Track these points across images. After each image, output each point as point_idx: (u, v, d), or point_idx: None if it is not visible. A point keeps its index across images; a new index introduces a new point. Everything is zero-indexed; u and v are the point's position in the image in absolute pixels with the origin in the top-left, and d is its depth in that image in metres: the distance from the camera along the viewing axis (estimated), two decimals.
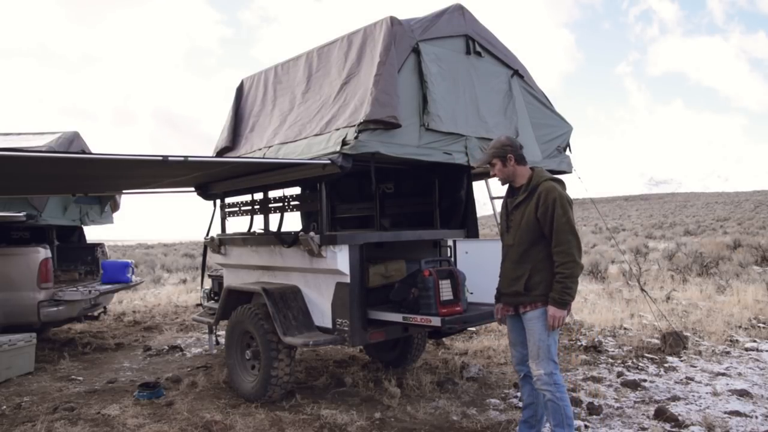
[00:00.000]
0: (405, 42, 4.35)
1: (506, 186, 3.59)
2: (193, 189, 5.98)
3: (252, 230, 5.51)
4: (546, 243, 3.32)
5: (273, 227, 5.11)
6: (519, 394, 4.78)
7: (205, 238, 5.87)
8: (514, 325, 3.54)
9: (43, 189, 6.33)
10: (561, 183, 3.47)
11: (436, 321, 4.00)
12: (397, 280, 4.60)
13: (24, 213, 6.89)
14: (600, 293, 10.39)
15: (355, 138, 4.05)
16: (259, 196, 5.38)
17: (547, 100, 5.58)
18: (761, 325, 7.40)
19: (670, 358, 5.91)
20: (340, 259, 4.27)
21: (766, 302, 8.72)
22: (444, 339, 6.60)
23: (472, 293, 4.57)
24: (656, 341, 6.49)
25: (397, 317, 4.24)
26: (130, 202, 12.91)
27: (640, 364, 5.76)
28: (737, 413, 4.30)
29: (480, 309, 4.24)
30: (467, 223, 5.22)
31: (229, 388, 5.08)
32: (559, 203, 3.26)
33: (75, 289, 7.00)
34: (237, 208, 5.72)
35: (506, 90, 5.13)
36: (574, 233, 3.25)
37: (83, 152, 7.09)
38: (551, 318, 3.24)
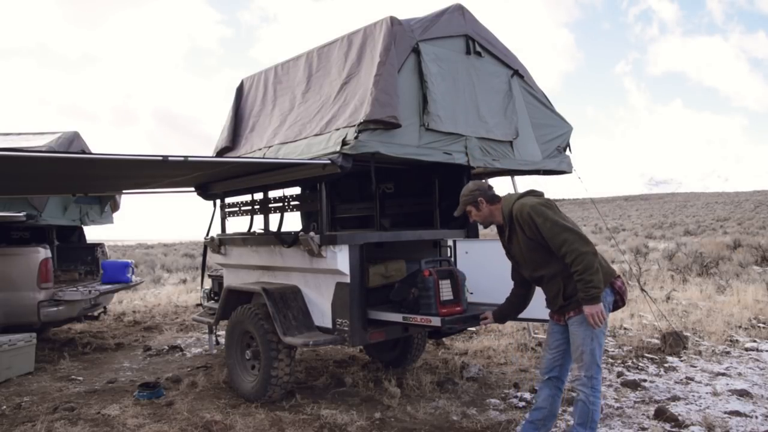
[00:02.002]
0: (405, 42, 4.35)
1: (492, 227, 3.64)
2: (193, 189, 5.98)
3: (252, 230, 5.51)
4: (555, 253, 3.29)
5: (273, 227, 5.10)
6: (519, 394, 4.79)
7: (205, 238, 5.87)
8: (554, 330, 3.50)
9: (43, 189, 6.32)
10: (530, 193, 3.49)
11: (436, 321, 4.00)
12: (397, 280, 4.60)
13: (24, 213, 6.89)
14: None
15: (355, 138, 4.05)
16: (259, 196, 5.38)
17: (547, 100, 5.58)
18: (761, 325, 7.40)
19: (670, 358, 5.91)
20: (340, 259, 4.27)
21: (766, 302, 8.72)
22: (444, 339, 6.60)
23: (472, 293, 4.55)
24: (656, 341, 6.49)
25: (397, 317, 4.23)
26: (130, 202, 12.91)
27: (640, 364, 5.76)
28: (737, 413, 4.30)
29: (480, 309, 4.21)
30: (467, 223, 5.22)
31: (229, 388, 5.08)
32: (534, 214, 3.26)
33: (75, 289, 7.00)
34: (237, 208, 5.72)
35: (506, 90, 5.13)
36: (567, 228, 3.21)
37: (83, 152, 7.09)
38: (589, 317, 3.15)
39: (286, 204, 5.05)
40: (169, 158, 3.63)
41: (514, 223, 3.38)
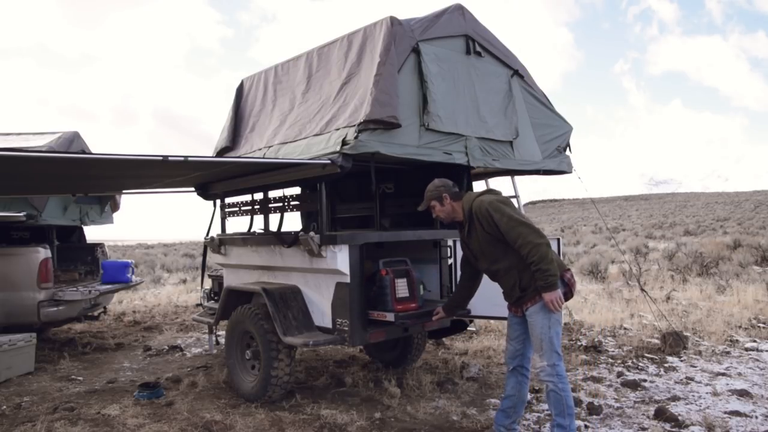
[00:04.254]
0: (405, 42, 4.35)
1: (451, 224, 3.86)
2: (193, 189, 5.98)
3: (252, 230, 5.51)
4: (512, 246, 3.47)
5: (273, 227, 5.11)
6: None
7: (205, 238, 5.87)
8: (513, 321, 3.71)
9: (43, 189, 6.32)
10: (491, 192, 3.74)
11: (390, 316, 4.23)
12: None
13: (24, 213, 6.89)
14: (600, 293, 10.39)
15: (355, 138, 4.05)
16: (259, 196, 5.38)
17: (547, 99, 5.58)
18: (761, 325, 7.40)
19: (670, 358, 5.91)
20: (340, 259, 4.27)
21: (766, 302, 8.72)
22: (444, 339, 6.60)
23: (429, 291, 4.95)
24: (656, 341, 6.49)
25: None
26: (130, 202, 12.91)
27: (640, 364, 5.76)
28: (737, 413, 4.30)
29: (436, 305, 4.33)
30: None
31: (229, 388, 5.08)
32: (492, 209, 3.46)
33: (75, 289, 7.00)
34: (237, 208, 5.72)
35: (506, 90, 5.13)
36: (521, 223, 3.41)
37: (83, 152, 7.09)
38: (548, 303, 3.35)
39: (286, 204, 5.05)
40: (169, 158, 3.63)
41: (473, 218, 3.57)
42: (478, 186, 5.85)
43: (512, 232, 3.38)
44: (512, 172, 5.87)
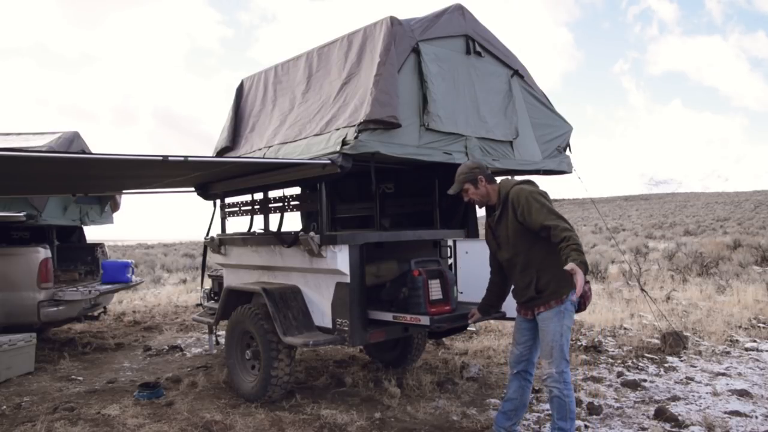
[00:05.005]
0: (405, 42, 4.35)
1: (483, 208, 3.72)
2: (193, 189, 5.98)
3: (252, 230, 5.51)
4: (541, 243, 3.36)
5: (273, 227, 5.11)
6: None
7: (205, 238, 5.87)
8: (522, 326, 3.60)
9: (43, 189, 6.32)
10: (530, 183, 3.58)
11: (425, 320, 4.03)
12: (388, 280, 4.63)
13: (24, 213, 6.89)
14: (600, 293, 10.39)
15: (355, 138, 4.05)
16: (259, 196, 5.38)
17: (547, 99, 5.58)
18: (761, 325, 7.40)
19: (670, 358, 5.91)
20: (340, 259, 4.27)
21: (766, 302, 8.72)
22: (444, 339, 6.60)
23: (462, 293, 4.65)
24: (656, 341, 6.49)
25: (387, 316, 4.26)
26: (130, 202, 12.90)
27: (640, 364, 5.76)
28: (737, 413, 4.31)
29: (469, 308, 4.20)
30: (467, 223, 5.22)
31: (229, 388, 5.08)
32: (531, 199, 3.34)
33: (75, 289, 7.00)
34: (237, 208, 5.72)
35: (506, 90, 5.13)
36: (560, 216, 3.30)
37: (83, 152, 7.09)
38: (576, 276, 3.01)
39: (286, 204, 5.05)
40: (169, 158, 3.63)
41: (508, 205, 3.45)
42: None
43: (551, 222, 3.23)
44: (512, 172, 5.86)
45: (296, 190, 5.59)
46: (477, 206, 3.73)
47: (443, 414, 4.41)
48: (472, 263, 4.89)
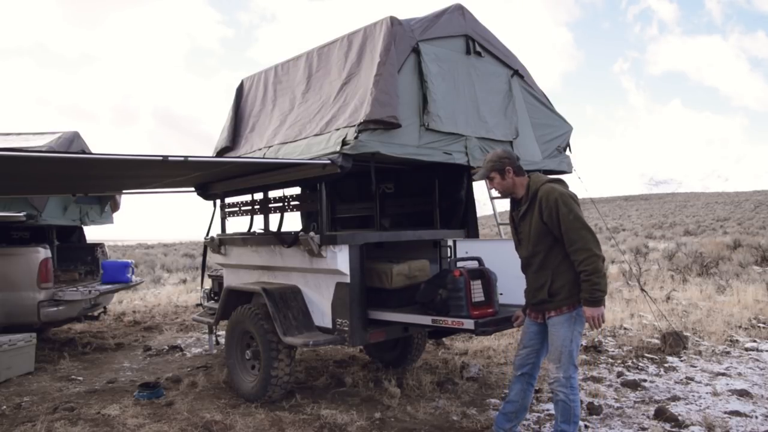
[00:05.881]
0: (405, 42, 4.35)
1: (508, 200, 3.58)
2: (193, 189, 5.98)
3: (252, 230, 5.51)
4: (560, 246, 3.27)
5: (273, 227, 5.11)
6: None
7: (205, 238, 5.87)
8: (530, 329, 3.51)
9: (43, 189, 6.32)
10: (561, 182, 3.45)
11: (468, 324, 3.79)
12: (422, 281, 4.42)
13: (24, 213, 6.89)
14: None
15: (355, 138, 4.05)
16: (259, 196, 5.38)
17: (547, 99, 5.58)
18: (761, 325, 7.40)
19: (670, 358, 5.91)
20: (340, 259, 4.27)
21: (766, 302, 8.72)
22: (444, 339, 6.60)
23: (502, 294, 4.25)
24: (656, 341, 6.49)
25: (425, 320, 4.06)
26: (130, 202, 12.91)
27: (640, 364, 5.76)
28: (737, 413, 4.30)
29: (510, 310, 4.00)
30: (467, 223, 5.22)
31: (229, 388, 5.08)
32: (561, 202, 3.21)
33: (75, 289, 7.00)
34: (237, 208, 5.72)
35: (506, 90, 5.14)
36: (586, 227, 3.20)
37: (83, 152, 7.09)
38: (589, 319, 3.16)
39: (286, 204, 5.05)
40: (169, 158, 3.63)
41: (536, 202, 3.31)
42: (478, 186, 5.85)
43: (574, 233, 3.16)
44: None
45: (296, 190, 5.59)
46: (501, 196, 3.58)
47: (443, 414, 4.41)
48: (499, 263, 4.64)
